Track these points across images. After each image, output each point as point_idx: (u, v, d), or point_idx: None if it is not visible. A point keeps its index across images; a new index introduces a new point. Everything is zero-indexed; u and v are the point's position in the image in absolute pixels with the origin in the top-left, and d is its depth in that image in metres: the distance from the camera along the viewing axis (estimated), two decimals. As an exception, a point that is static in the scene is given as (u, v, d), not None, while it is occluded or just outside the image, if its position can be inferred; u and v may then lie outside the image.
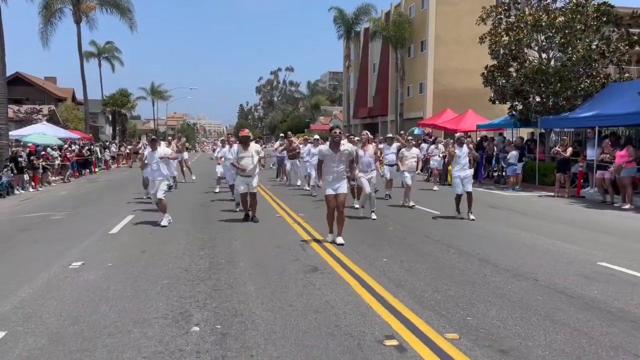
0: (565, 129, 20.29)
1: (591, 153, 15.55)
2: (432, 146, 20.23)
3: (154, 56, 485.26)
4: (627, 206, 12.83)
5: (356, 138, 13.35)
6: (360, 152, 10.13)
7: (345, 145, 7.87)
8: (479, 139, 24.12)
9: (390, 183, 14.03)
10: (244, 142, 10.06)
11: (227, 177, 13.26)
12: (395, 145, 14.42)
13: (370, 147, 11.11)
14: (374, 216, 10.51)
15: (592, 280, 6.00)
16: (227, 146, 13.29)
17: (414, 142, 14.57)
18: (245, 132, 10.66)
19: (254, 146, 10.25)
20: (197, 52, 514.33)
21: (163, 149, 10.51)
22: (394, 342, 4.10)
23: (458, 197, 10.79)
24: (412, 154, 13.02)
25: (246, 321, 4.60)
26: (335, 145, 7.77)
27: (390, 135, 15.61)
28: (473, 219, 10.36)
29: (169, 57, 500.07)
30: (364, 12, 44.80)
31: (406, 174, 12.60)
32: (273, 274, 6.20)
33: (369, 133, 12.35)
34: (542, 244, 8.08)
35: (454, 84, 35.43)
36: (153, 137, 11.18)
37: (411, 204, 12.38)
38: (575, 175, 16.02)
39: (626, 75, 18.15)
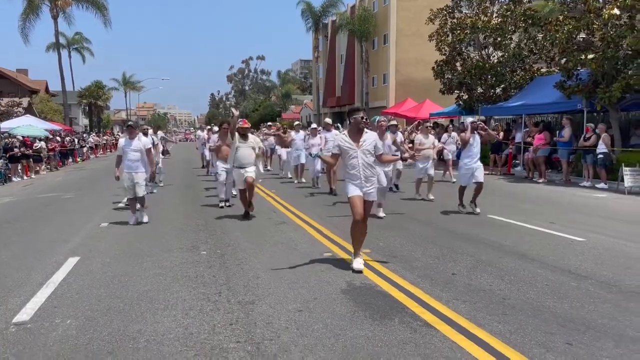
0: (505, 116, 23.20)
1: (518, 137, 18.42)
2: (445, 134, 17.56)
3: (123, 46, 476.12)
4: (541, 180, 15.70)
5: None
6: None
7: (369, 132, 6.05)
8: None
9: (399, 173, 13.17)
10: (243, 134, 9.48)
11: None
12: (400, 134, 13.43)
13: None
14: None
15: (476, 225, 8.64)
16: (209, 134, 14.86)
17: (431, 128, 12.82)
18: (246, 123, 9.75)
19: (252, 138, 9.75)
20: (166, 40, 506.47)
21: (144, 139, 9.44)
22: (330, 254, 6.63)
23: (462, 189, 9.84)
24: (430, 142, 11.93)
25: (237, 249, 7.05)
26: (357, 133, 5.93)
27: (394, 122, 13.46)
28: (478, 212, 9.52)
29: (138, 47, 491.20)
30: (331, 5, 47.16)
31: (427, 164, 11.56)
32: (253, 226, 8.68)
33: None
34: (454, 206, 10.72)
35: (414, 74, 38.06)
36: (130, 123, 10.25)
37: (431, 197, 11.47)
38: (507, 155, 18.86)
39: (552, 69, 21.03)
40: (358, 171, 5.86)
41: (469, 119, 10.07)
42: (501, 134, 18.96)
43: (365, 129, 5.99)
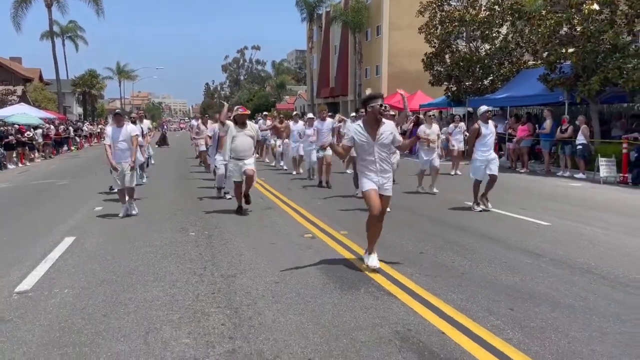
0: (492, 107, 23.72)
1: (499, 128, 18.97)
2: (452, 125, 17.50)
3: (117, 36, 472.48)
4: (523, 170, 16.23)
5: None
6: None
7: (386, 122, 5.49)
8: (421, 116, 27.37)
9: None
10: (242, 122, 8.78)
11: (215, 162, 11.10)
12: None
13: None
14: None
15: (452, 211, 9.14)
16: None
17: (434, 118, 11.93)
18: (245, 110, 9.05)
19: (251, 126, 9.01)
20: (161, 30, 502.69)
21: (130, 127, 8.91)
22: (310, 235, 7.11)
23: (477, 184, 9.17)
24: (434, 132, 11.49)
25: (223, 230, 7.51)
26: (374, 124, 5.37)
27: (392, 112, 12.08)
28: (489, 209, 9.01)
29: (133, 37, 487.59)
30: (325, -5, 47.37)
31: (432, 156, 11.25)
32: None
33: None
34: (440, 195, 11.21)
35: (406, 66, 38.39)
36: (117, 110, 9.57)
37: (435, 190, 11.15)
38: (492, 146, 19.35)
39: (538, 62, 21.49)
40: (374, 166, 5.39)
41: (482, 108, 9.26)
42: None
43: (383, 119, 5.41)
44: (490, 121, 9.19)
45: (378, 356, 3.47)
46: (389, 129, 5.39)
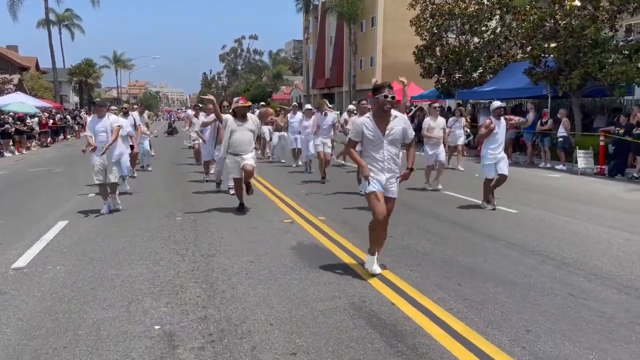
0: (480, 100, 24.14)
1: (482, 120, 19.44)
2: (452, 118, 16.36)
3: (114, 24, 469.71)
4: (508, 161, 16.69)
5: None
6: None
7: (398, 116, 4.98)
8: (414, 108, 27.79)
9: None
10: (243, 114, 8.16)
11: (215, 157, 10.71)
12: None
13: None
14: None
15: (428, 199, 9.61)
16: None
17: (439, 110, 11.93)
18: (246, 102, 8.49)
19: (252, 118, 8.36)
20: (158, 18, 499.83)
21: (112, 118, 8.32)
22: (289, 220, 7.56)
23: (489, 182, 8.71)
24: (439, 125, 11.05)
25: (208, 216, 7.96)
26: (384, 117, 4.91)
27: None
28: (495, 206, 8.57)
29: (130, 26, 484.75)
30: (321, -14, 47.57)
31: (438, 150, 10.79)
32: (226, 198, 9.56)
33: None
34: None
35: (400, 57, 38.65)
36: (95, 100, 8.54)
37: (439, 186, 10.72)
38: (479, 138, 19.82)
39: (526, 55, 21.88)
40: (381, 164, 4.94)
41: (495, 103, 8.96)
42: (468, 117, 19.88)
43: (394, 112, 4.93)
44: (502, 118, 8.79)
45: (332, 322, 3.94)
46: (400, 124, 4.94)
